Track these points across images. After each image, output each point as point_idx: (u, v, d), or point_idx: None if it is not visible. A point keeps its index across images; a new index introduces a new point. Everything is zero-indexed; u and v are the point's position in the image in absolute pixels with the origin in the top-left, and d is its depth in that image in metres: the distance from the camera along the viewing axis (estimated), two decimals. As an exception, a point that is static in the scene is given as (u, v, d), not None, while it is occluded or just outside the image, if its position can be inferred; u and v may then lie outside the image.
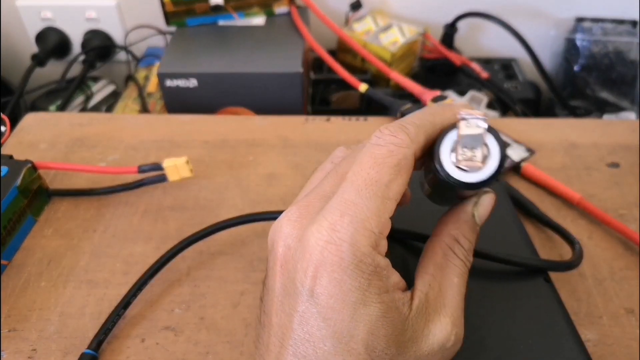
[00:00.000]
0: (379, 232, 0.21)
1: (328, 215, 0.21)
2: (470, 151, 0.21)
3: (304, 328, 0.21)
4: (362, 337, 0.20)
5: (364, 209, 0.21)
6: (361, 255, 0.20)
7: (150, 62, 0.70)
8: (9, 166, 0.40)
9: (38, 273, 0.38)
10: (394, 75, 0.58)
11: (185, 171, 0.44)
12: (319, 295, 0.21)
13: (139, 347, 0.33)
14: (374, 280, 0.21)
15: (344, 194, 0.21)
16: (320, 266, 0.21)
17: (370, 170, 0.21)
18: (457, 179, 0.21)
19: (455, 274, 0.23)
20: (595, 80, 0.67)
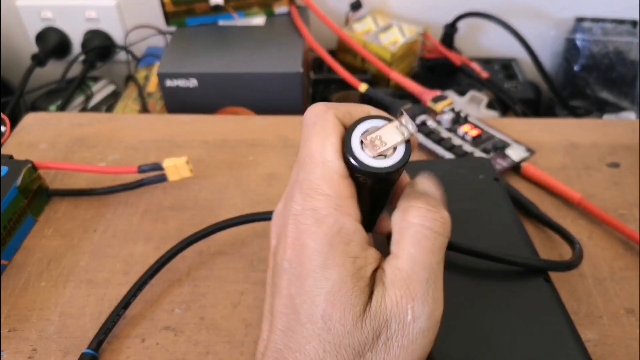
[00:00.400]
0: (334, 193, 0.21)
1: (292, 196, 0.22)
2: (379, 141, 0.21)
3: (282, 302, 0.22)
4: (320, 303, 0.20)
5: (312, 179, 0.22)
6: (322, 217, 0.21)
7: (150, 62, 0.70)
8: (9, 166, 0.40)
9: (38, 273, 0.38)
10: (394, 75, 0.58)
11: (185, 171, 0.44)
12: (292, 265, 0.22)
13: (139, 347, 0.33)
14: (336, 242, 0.21)
15: (298, 175, 0.23)
16: (293, 238, 0.22)
17: (303, 148, 0.23)
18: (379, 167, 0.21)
19: (412, 244, 0.21)
20: (595, 80, 0.67)
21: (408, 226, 0.22)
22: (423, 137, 0.48)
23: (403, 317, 0.21)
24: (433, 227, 0.21)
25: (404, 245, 0.21)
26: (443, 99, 0.51)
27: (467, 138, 0.48)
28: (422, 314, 0.21)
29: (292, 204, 0.22)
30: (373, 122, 0.22)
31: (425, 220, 0.21)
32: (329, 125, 0.22)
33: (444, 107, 0.51)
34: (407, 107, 0.51)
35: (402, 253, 0.21)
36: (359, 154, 0.21)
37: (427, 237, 0.21)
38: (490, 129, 0.49)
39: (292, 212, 0.22)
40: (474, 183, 0.36)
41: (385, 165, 0.21)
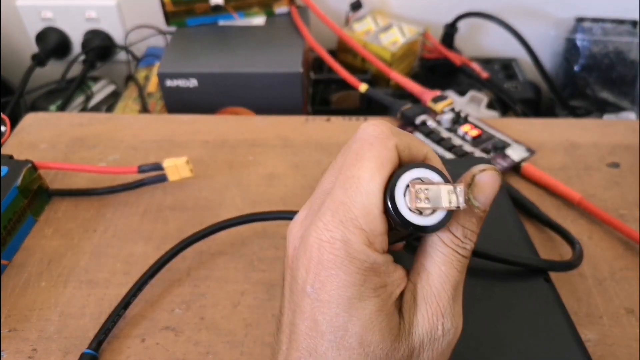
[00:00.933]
0: (369, 229, 0.21)
1: (322, 215, 0.22)
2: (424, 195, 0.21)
3: (305, 323, 0.22)
4: (356, 331, 0.21)
5: (352, 208, 0.21)
6: (354, 252, 0.21)
7: (150, 62, 0.70)
8: (9, 166, 0.40)
9: (38, 273, 0.38)
10: (394, 75, 0.58)
11: (186, 171, 0.44)
12: (317, 290, 0.21)
13: (139, 347, 0.33)
14: (369, 276, 0.21)
15: (334, 194, 0.22)
16: (317, 263, 0.21)
17: (352, 166, 0.22)
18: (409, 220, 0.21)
19: (444, 263, 0.22)
20: (595, 80, 0.66)
21: (441, 247, 0.22)
22: (423, 137, 0.48)
23: (434, 332, 0.22)
24: (463, 253, 0.22)
25: (436, 263, 0.22)
26: (443, 99, 0.51)
27: (467, 138, 0.48)
28: (450, 329, 0.22)
29: (320, 224, 0.21)
30: (428, 173, 0.21)
31: (457, 248, 0.22)
32: (387, 156, 0.21)
33: (444, 107, 0.51)
34: (407, 107, 0.51)
35: (433, 270, 0.22)
36: (398, 199, 0.21)
37: (458, 260, 0.22)
38: (490, 129, 0.49)
39: (320, 236, 0.21)
40: (474, 183, 0.36)
41: (415, 222, 0.21)
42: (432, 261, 0.22)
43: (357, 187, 0.21)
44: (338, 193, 0.21)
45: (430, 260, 0.22)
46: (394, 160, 0.21)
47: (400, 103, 0.52)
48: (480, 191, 0.22)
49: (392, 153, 0.21)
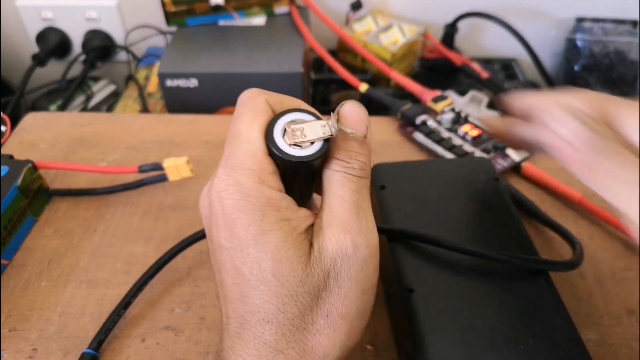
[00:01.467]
0: (257, 168, 0.23)
1: (216, 172, 0.24)
2: (300, 132, 0.23)
3: (229, 274, 0.23)
4: (267, 265, 0.22)
5: (237, 155, 0.23)
6: (248, 191, 0.22)
7: (150, 62, 0.70)
8: (10, 166, 0.40)
9: (38, 273, 0.38)
10: (394, 75, 0.58)
11: (186, 171, 0.44)
12: (229, 240, 0.23)
13: (140, 347, 0.33)
14: (267, 211, 0.22)
15: (224, 152, 0.24)
16: (222, 214, 0.23)
17: (232, 125, 0.24)
18: (291, 154, 0.23)
19: (338, 187, 0.24)
20: (595, 80, 0.66)
21: (332, 174, 0.24)
22: (423, 137, 0.48)
23: (345, 250, 0.23)
24: (353, 172, 0.24)
25: (333, 190, 0.24)
26: (443, 99, 0.51)
27: (468, 138, 0.48)
28: (361, 244, 0.23)
29: (215, 180, 0.23)
30: (302, 115, 0.24)
31: (345, 169, 0.24)
32: (259, 107, 0.24)
33: (444, 107, 0.51)
34: (408, 107, 0.51)
35: (331, 197, 0.24)
36: (277, 138, 0.23)
37: (350, 180, 0.24)
38: (490, 129, 0.49)
39: (216, 189, 0.23)
40: (475, 183, 0.36)
41: (295, 154, 0.23)
42: (329, 190, 0.24)
43: (239, 137, 0.23)
44: (226, 150, 0.24)
45: (328, 191, 0.24)
46: (267, 111, 0.24)
47: (401, 103, 0.52)
48: (347, 119, 0.24)
49: (263, 105, 0.24)
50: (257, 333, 0.22)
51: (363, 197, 0.24)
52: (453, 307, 0.28)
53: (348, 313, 0.23)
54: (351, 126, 0.24)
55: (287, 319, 0.22)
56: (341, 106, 0.24)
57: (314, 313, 0.22)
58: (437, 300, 0.28)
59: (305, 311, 0.22)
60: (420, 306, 0.28)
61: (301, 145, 0.23)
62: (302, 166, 0.23)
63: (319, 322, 0.22)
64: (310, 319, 0.22)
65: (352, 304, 0.23)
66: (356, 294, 0.23)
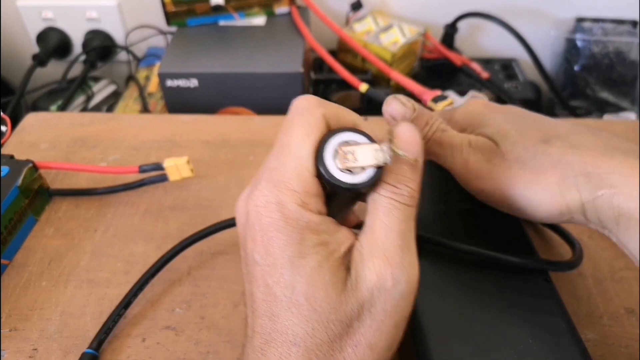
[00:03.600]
0: (301, 190, 0.22)
1: (258, 184, 0.23)
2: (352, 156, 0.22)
3: (260, 290, 0.23)
4: (301, 288, 0.22)
5: (283, 172, 0.22)
6: (288, 212, 0.22)
7: (151, 62, 0.70)
8: (10, 166, 0.40)
9: (39, 273, 0.38)
10: (395, 75, 0.58)
11: (186, 171, 0.44)
12: (263, 257, 0.22)
13: (140, 347, 0.33)
14: (306, 234, 0.22)
15: (268, 163, 0.23)
16: (259, 230, 0.22)
17: (283, 136, 0.23)
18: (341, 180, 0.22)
19: (384, 214, 0.23)
20: (595, 80, 0.67)
21: (379, 199, 0.23)
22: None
23: (384, 284, 0.22)
24: (401, 200, 0.23)
25: (378, 216, 0.23)
26: (443, 98, 0.52)
27: (468, 138, 0.48)
28: (401, 279, 0.22)
29: (257, 193, 0.23)
30: (355, 136, 0.23)
31: (394, 195, 0.23)
32: (314, 122, 0.23)
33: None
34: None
35: (376, 225, 0.23)
36: (328, 160, 0.22)
37: (397, 208, 0.23)
38: (490, 129, 0.49)
39: (257, 203, 0.22)
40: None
41: (345, 181, 0.22)
42: (374, 216, 0.23)
43: (288, 153, 0.23)
44: (271, 161, 0.23)
45: (373, 215, 0.23)
46: (322, 127, 0.23)
47: (401, 103, 0.52)
48: (402, 142, 0.23)
49: (319, 120, 0.23)
50: (283, 354, 0.22)
51: (409, 228, 0.23)
52: (453, 306, 0.28)
53: (377, 345, 0.22)
54: (404, 148, 0.23)
55: (315, 344, 0.21)
56: (395, 126, 0.23)
57: (342, 341, 0.22)
58: (436, 299, 0.29)
59: (335, 338, 0.22)
60: (420, 306, 0.28)
61: (352, 170, 0.22)
62: (350, 192, 0.23)
63: (346, 350, 0.22)
64: (338, 346, 0.22)
65: (383, 336, 0.22)
66: (388, 327, 0.22)
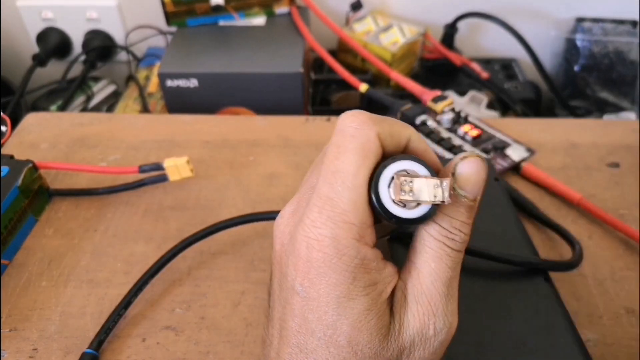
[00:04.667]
0: (359, 222, 0.21)
1: (310, 212, 0.21)
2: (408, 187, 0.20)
3: (295, 321, 0.22)
4: (345, 330, 0.21)
5: (339, 203, 0.20)
6: (344, 249, 0.20)
7: (150, 62, 0.70)
8: (10, 166, 0.40)
9: (39, 273, 0.38)
10: (395, 76, 0.58)
11: (186, 171, 0.44)
12: (306, 289, 0.21)
13: (140, 347, 0.33)
14: (359, 274, 0.21)
15: (320, 189, 0.21)
16: (306, 262, 0.21)
17: (335, 160, 0.21)
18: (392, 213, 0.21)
19: (433, 259, 0.21)
20: (595, 80, 0.67)
21: (430, 241, 0.21)
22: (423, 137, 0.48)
23: (425, 332, 0.21)
24: (453, 247, 0.21)
25: (426, 259, 0.22)
26: (443, 99, 0.52)
27: (467, 138, 0.48)
28: (442, 328, 0.21)
29: (307, 222, 0.21)
30: (415, 165, 0.21)
31: (446, 240, 0.21)
32: (370, 147, 0.21)
33: (444, 107, 0.51)
34: (408, 107, 0.51)
35: (423, 267, 0.22)
36: (382, 191, 0.21)
37: (448, 255, 0.21)
38: (490, 129, 0.49)
39: (308, 234, 0.21)
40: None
41: (398, 215, 0.21)
42: (422, 258, 0.22)
43: (344, 182, 0.20)
44: (324, 189, 0.21)
45: (420, 257, 0.22)
46: (378, 151, 0.21)
47: (401, 103, 0.52)
48: (465, 181, 0.21)
49: (375, 143, 0.21)
50: None
51: (455, 275, 0.22)
52: None
53: None
54: (466, 188, 0.21)
55: None
56: (461, 160, 0.21)
57: None
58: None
59: None
60: None
61: (406, 204, 0.20)
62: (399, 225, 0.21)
63: None
64: None
65: None
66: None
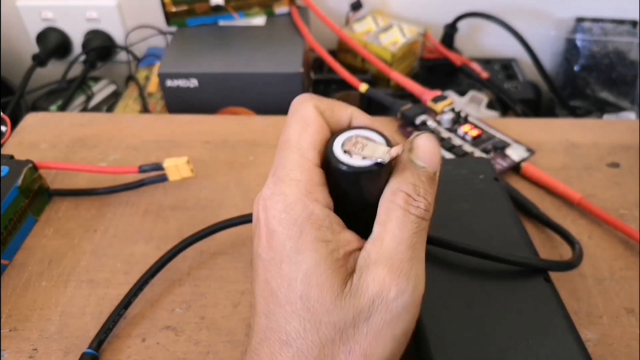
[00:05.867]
0: (305, 179, 0.22)
1: (267, 181, 0.23)
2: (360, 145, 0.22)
3: (260, 286, 0.23)
4: (297, 286, 0.21)
5: (286, 165, 0.23)
6: (291, 203, 0.22)
7: (150, 62, 0.70)
8: (10, 166, 0.40)
9: (39, 273, 0.38)
10: (395, 76, 0.58)
11: (186, 171, 0.44)
12: (265, 251, 0.22)
13: (140, 347, 0.33)
14: (306, 228, 0.21)
15: (275, 161, 0.24)
16: (264, 225, 0.22)
17: (283, 134, 0.24)
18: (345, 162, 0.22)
19: (397, 224, 0.22)
20: (595, 80, 0.67)
21: (395, 208, 0.22)
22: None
23: (386, 294, 0.21)
24: (416, 213, 0.22)
25: (390, 227, 0.22)
26: (443, 99, 0.52)
27: (467, 138, 0.48)
28: (405, 290, 0.22)
29: (264, 188, 0.23)
30: (373, 134, 0.23)
31: (409, 206, 0.22)
32: (309, 116, 0.23)
33: (444, 107, 0.51)
34: (407, 107, 0.51)
35: (387, 234, 0.22)
36: (335, 146, 0.22)
37: (412, 221, 0.22)
38: (490, 129, 0.49)
39: (262, 197, 0.23)
40: (474, 183, 0.36)
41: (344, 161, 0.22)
42: (385, 224, 0.22)
43: (289, 147, 0.23)
44: (276, 159, 0.24)
45: (383, 224, 0.22)
46: (318, 120, 0.23)
47: (401, 103, 0.52)
48: (422, 153, 0.23)
49: (313, 113, 0.23)
50: (275, 353, 0.21)
51: (420, 241, 0.23)
52: (452, 306, 0.28)
53: (373, 355, 0.21)
54: (424, 159, 0.23)
55: (307, 346, 0.21)
56: (416, 136, 0.23)
57: (335, 346, 0.21)
58: (436, 300, 0.29)
59: (326, 342, 0.21)
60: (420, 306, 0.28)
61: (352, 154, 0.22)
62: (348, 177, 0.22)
63: (339, 356, 0.21)
64: (330, 351, 0.21)
65: (380, 347, 0.21)
66: (385, 338, 0.22)
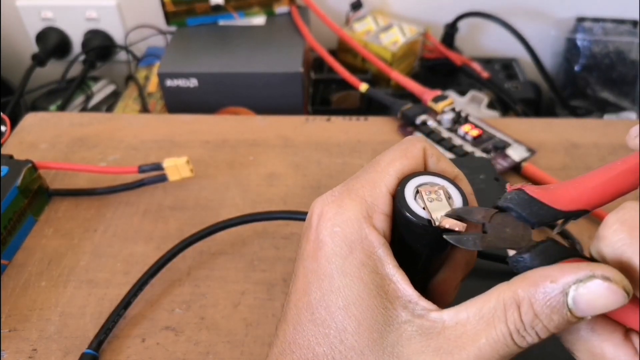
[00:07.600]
0: (371, 200, 0.20)
1: (336, 187, 0.22)
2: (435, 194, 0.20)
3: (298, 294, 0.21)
4: (335, 311, 0.19)
5: (361, 180, 0.21)
6: (346, 219, 0.20)
7: (150, 62, 0.70)
8: (10, 166, 0.40)
9: (38, 273, 0.38)
10: (395, 75, 0.58)
11: (186, 171, 0.44)
12: (310, 258, 0.21)
13: (140, 347, 0.33)
14: (356, 251, 0.20)
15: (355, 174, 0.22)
16: (314, 231, 0.21)
17: (380, 154, 0.22)
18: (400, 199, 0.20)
19: (486, 337, 0.18)
20: (595, 80, 0.66)
21: (500, 319, 0.18)
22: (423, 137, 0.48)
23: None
24: (519, 343, 0.18)
25: (479, 330, 0.18)
26: (443, 98, 0.51)
27: (468, 138, 0.48)
28: None
29: (328, 192, 0.22)
30: (457, 198, 0.21)
31: (515, 335, 0.18)
32: (412, 150, 0.22)
33: (444, 107, 0.51)
34: (408, 107, 0.51)
35: (470, 335, 0.18)
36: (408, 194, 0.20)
37: (506, 346, 0.18)
38: (490, 128, 0.49)
39: (322, 201, 0.21)
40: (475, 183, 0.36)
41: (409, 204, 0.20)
42: (479, 321, 0.18)
43: (374, 167, 0.22)
44: (357, 173, 0.22)
45: (476, 324, 0.18)
46: (417, 156, 0.22)
47: (401, 103, 0.52)
48: (584, 299, 0.17)
49: (418, 149, 0.22)
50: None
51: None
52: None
53: None
54: (582, 309, 0.17)
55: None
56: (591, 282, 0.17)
57: None
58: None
59: None
60: None
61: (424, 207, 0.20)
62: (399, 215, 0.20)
63: None
64: None
65: None
66: None
